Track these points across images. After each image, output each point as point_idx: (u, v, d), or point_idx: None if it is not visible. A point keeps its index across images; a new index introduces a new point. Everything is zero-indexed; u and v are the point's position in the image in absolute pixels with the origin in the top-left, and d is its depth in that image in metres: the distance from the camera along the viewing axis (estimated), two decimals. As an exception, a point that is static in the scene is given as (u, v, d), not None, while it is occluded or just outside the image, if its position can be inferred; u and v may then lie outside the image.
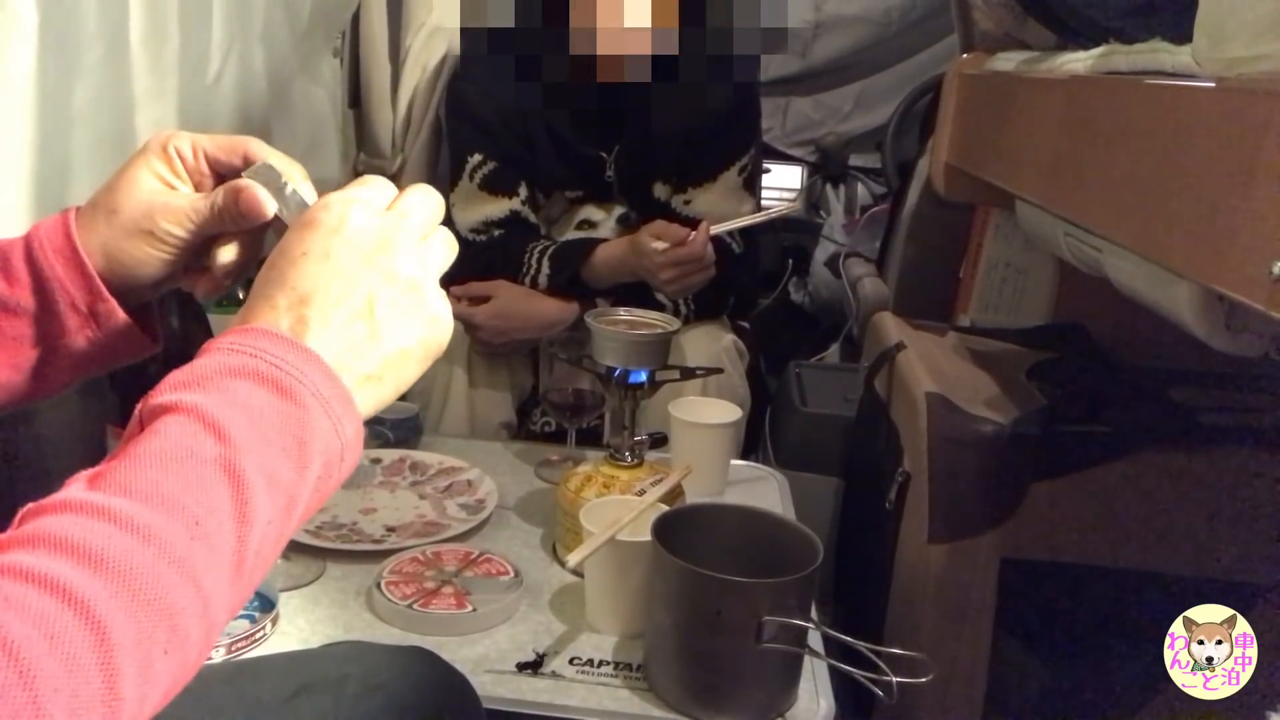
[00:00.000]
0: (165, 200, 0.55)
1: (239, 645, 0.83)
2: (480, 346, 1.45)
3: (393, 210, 0.49)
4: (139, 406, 0.41)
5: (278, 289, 0.45)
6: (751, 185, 1.57)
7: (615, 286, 1.42)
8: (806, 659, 0.82)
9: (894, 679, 0.74)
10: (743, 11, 1.27)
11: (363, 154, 1.66)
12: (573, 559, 0.86)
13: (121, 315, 0.55)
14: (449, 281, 0.52)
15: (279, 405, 0.41)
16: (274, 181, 0.55)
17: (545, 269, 1.43)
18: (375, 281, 0.47)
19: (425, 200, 0.50)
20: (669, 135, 1.47)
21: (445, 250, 0.51)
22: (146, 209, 0.54)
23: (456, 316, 1.45)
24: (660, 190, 1.52)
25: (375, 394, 0.47)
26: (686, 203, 1.52)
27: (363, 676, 0.68)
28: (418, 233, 0.49)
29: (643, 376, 1.05)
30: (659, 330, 1.04)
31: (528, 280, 1.44)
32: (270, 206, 0.54)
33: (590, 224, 1.51)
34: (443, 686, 0.72)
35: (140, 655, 0.34)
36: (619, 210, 1.50)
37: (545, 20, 1.27)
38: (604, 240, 1.45)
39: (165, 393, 0.41)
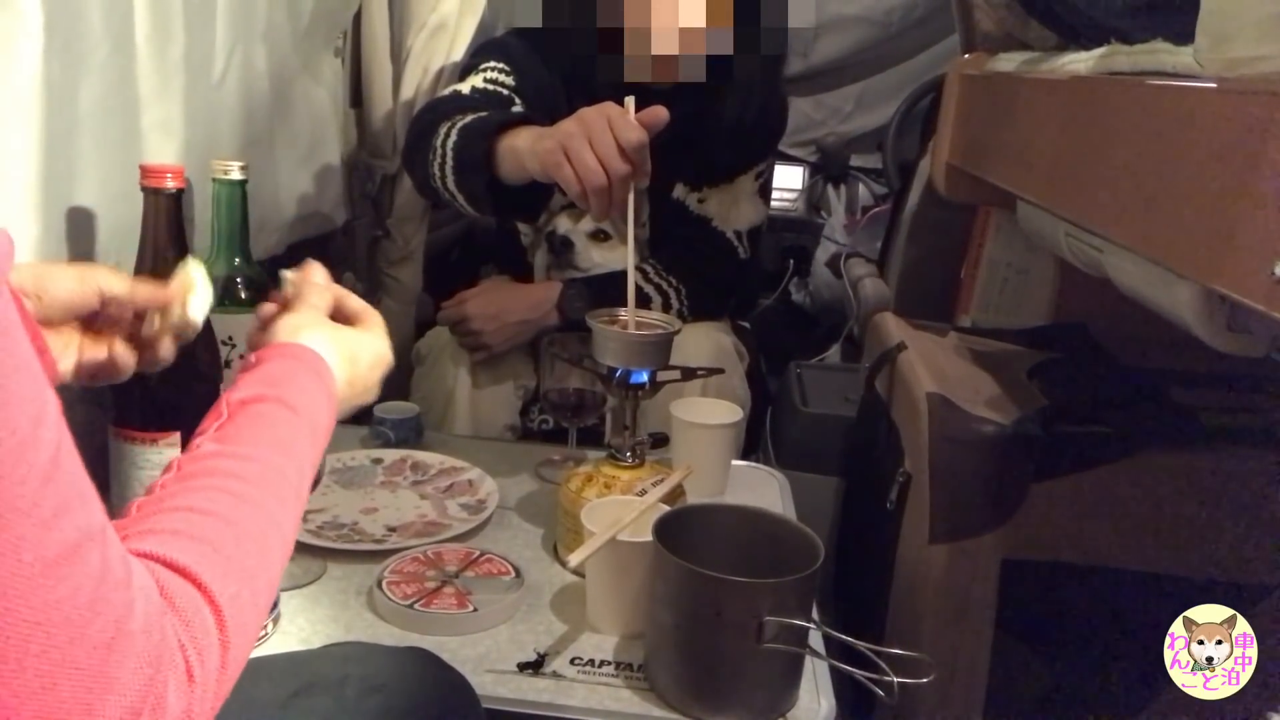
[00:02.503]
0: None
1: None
2: (480, 352, 1.44)
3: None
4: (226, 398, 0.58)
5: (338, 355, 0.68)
6: (765, 192, 1.57)
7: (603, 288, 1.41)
8: (807, 659, 0.82)
9: (895, 679, 0.74)
10: (769, 11, 1.27)
11: (364, 154, 1.66)
12: (574, 559, 0.86)
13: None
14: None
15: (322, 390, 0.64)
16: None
17: (450, 162, 1.21)
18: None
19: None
20: (700, 137, 1.44)
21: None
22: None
23: (448, 320, 1.44)
24: (679, 190, 1.52)
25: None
26: (700, 201, 1.52)
27: (363, 677, 0.68)
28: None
29: (644, 377, 1.05)
30: (660, 330, 1.04)
31: (436, 170, 1.23)
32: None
33: (568, 242, 1.48)
34: (443, 687, 0.72)
35: (284, 504, 0.54)
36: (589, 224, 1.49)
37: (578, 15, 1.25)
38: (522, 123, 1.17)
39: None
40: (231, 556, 0.46)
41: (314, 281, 0.73)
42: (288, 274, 0.74)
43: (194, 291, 0.72)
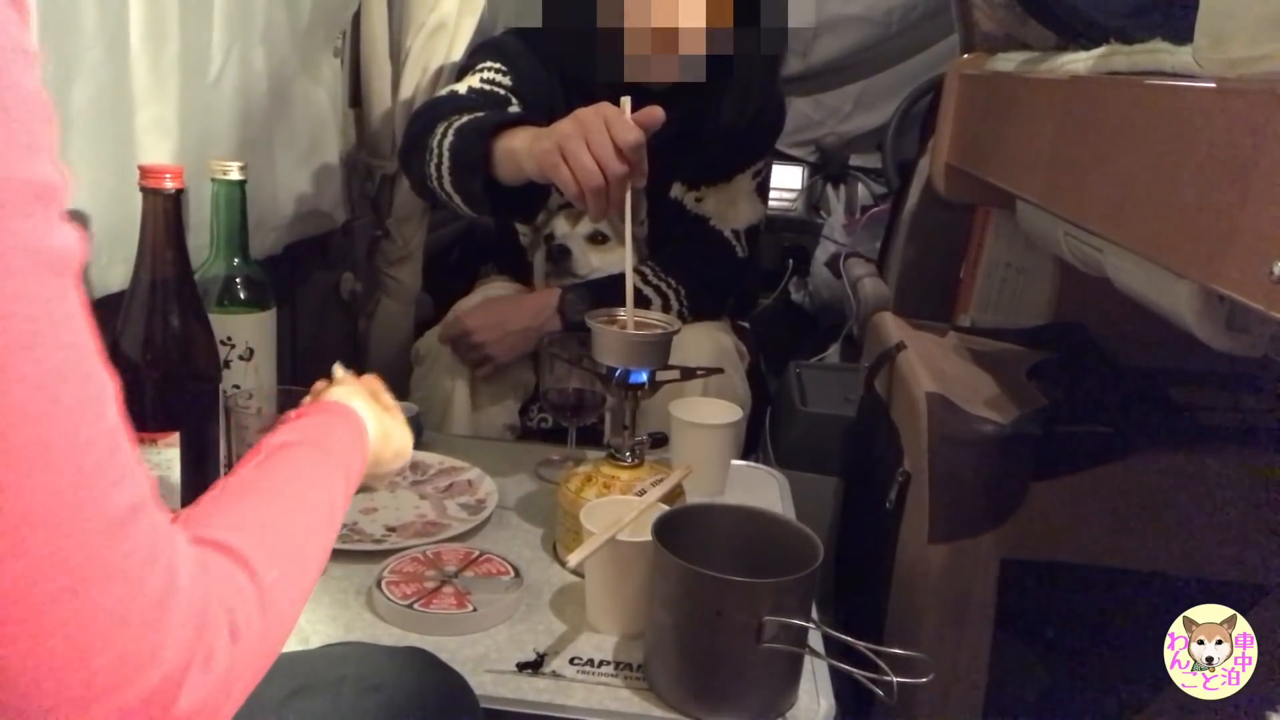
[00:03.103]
0: None
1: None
2: (485, 366, 1.42)
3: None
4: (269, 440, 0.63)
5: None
6: (763, 190, 1.57)
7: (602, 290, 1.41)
8: (807, 659, 0.82)
9: (894, 679, 0.74)
10: (770, 11, 1.27)
11: (363, 154, 1.66)
12: (573, 559, 0.86)
13: None
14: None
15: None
16: None
17: (447, 162, 1.20)
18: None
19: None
20: (697, 136, 1.44)
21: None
22: None
23: (449, 336, 1.42)
24: (677, 190, 1.52)
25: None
26: (698, 200, 1.52)
27: (360, 677, 0.68)
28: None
29: (643, 377, 1.04)
30: (659, 330, 1.04)
31: (433, 171, 1.22)
32: None
33: (565, 250, 1.48)
34: (441, 687, 0.72)
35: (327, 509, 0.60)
36: (587, 226, 1.49)
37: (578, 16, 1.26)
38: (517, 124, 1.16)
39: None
40: (273, 548, 0.49)
41: (368, 380, 0.84)
42: (339, 367, 0.85)
43: None
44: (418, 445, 1.27)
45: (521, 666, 0.85)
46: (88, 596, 0.34)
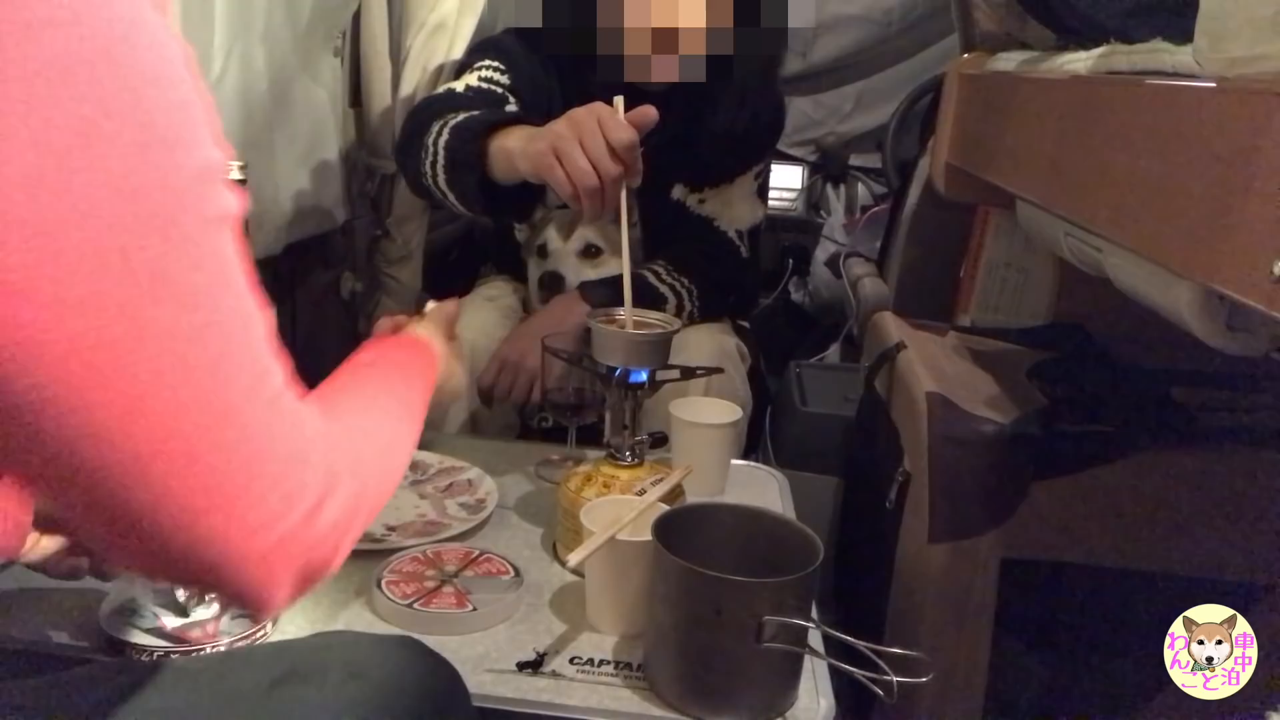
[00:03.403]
0: None
1: (240, 644, 0.83)
2: (536, 386, 1.33)
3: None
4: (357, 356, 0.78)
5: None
6: (764, 191, 1.57)
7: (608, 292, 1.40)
8: (806, 658, 0.82)
9: (894, 678, 0.74)
10: (770, 11, 1.27)
11: (363, 153, 1.66)
12: (573, 558, 0.86)
13: None
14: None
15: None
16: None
17: (442, 160, 1.21)
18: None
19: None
20: (697, 138, 1.44)
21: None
22: None
23: (489, 380, 1.39)
24: (678, 191, 1.51)
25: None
26: (701, 201, 1.52)
27: (346, 665, 0.68)
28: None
29: (643, 376, 1.04)
30: (660, 330, 1.04)
31: (428, 169, 1.22)
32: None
33: (557, 276, 1.45)
34: (428, 675, 0.71)
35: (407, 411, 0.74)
36: (579, 240, 1.48)
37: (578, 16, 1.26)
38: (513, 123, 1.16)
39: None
40: (380, 418, 0.65)
41: (448, 310, 0.98)
42: (432, 302, 0.98)
43: None
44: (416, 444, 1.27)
45: (521, 666, 0.85)
46: (272, 451, 0.47)
